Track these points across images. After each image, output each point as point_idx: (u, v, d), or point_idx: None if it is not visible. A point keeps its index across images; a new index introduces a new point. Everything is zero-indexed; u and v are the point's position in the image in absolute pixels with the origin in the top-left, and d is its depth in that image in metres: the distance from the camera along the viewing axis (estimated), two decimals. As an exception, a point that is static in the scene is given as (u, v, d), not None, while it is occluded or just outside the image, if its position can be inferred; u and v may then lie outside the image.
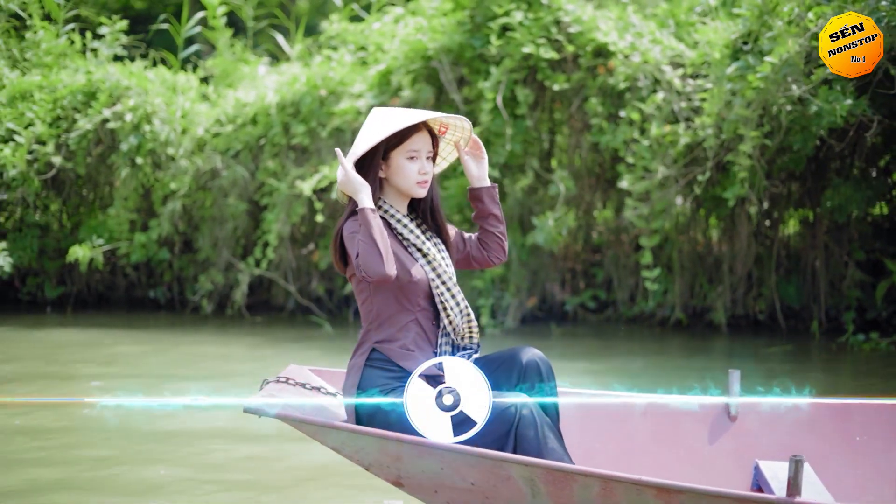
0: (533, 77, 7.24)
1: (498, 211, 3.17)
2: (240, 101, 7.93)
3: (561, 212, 7.01)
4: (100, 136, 8.09)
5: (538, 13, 7.05)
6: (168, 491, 3.87)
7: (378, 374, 3.00)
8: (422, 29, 7.41)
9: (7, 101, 8.16)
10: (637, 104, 6.77)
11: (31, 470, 4.11)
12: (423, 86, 7.29)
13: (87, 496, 3.81)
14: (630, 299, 7.97)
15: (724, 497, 2.62)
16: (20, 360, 6.52)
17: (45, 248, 8.48)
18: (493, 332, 7.44)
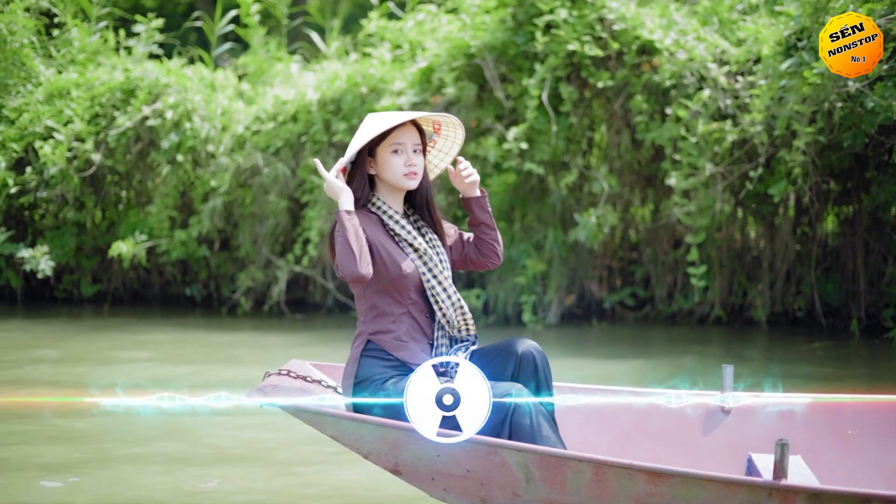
0: (577, 74, 7.24)
1: (488, 219, 3.28)
2: (279, 98, 7.93)
3: (604, 209, 7.01)
4: (139, 133, 8.09)
5: (582, 10, 7.05)
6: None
7: (374, 364, 3.09)
8: (465, 26, 7.41)
9: (45, 99, 8.16)
10: (683, 101, 6.77)
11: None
12: (466, 83, 7.30)
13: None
14: (668, 296, 7.98)
15: (712, 481, 2.70)
16: (62, 359, 6.53)
17: (81, 245, 8.48)
18: (534, 328, 7.45)
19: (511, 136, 7.05)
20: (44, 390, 5.27)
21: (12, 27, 8.22)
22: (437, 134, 3.30)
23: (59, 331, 7.48)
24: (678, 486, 2.73)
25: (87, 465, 4.14)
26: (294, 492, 3.87)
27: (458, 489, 2.99)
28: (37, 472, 4.02)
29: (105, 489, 3.82)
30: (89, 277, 8.70)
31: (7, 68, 8.27)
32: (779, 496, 2.69)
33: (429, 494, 3.07)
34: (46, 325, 7.68)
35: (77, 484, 3.88)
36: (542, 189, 7.64)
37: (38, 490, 3.80)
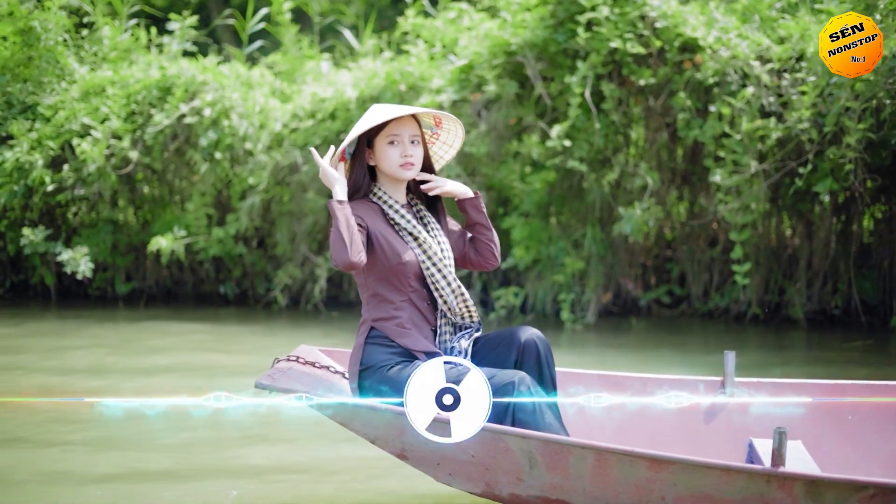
0: (618, 72, 7.24)
1: (483, 219, 3.34)
2: (317, 95, 7.93)
3: (649, 202, 7.01)
4: (176, 131, 8.09)
5: (624, 8, 7.05)
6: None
7: (378, 351, 3.17)
8: (505, 24, 7.41)
9: (80, 97, 8.16)
10: (727, 99, 6.77)
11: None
12: (507, 81, 7.30)
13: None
14: (704, 294, 7.98)
15: (711, 467, 2.76)
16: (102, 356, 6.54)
17: (116, 243, 8.48)
18: (573, 326, 7.45)
19: (554, 134, 7.05)
20: (82, 390, 5.29)
21: (47, 25, 8.22)
22: (438, 127, 3.37)
23: (96, 328, 7.49)
24: (678, 472, 2.80)
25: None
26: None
27: (464, 474, 3.06)
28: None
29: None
30: (123, 275, 8.70)
31: (42, 66, 8.28)
32: (777, 483, 2.75)
33: (435, 479, 3.15)
34: (81, 323, 7.67)
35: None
36: (580, 187, 7.64)
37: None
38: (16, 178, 7.89)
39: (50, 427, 4.61)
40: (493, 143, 7.45)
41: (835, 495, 2.73)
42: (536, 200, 7.42)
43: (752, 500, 2.78)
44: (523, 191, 7.39)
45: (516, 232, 7.46)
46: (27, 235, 7.84)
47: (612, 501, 2.91)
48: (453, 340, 3.22)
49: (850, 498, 2.74)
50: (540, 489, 2.98)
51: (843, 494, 2.73)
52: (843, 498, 2.73)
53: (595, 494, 2.92)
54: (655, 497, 2.86)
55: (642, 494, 2.87)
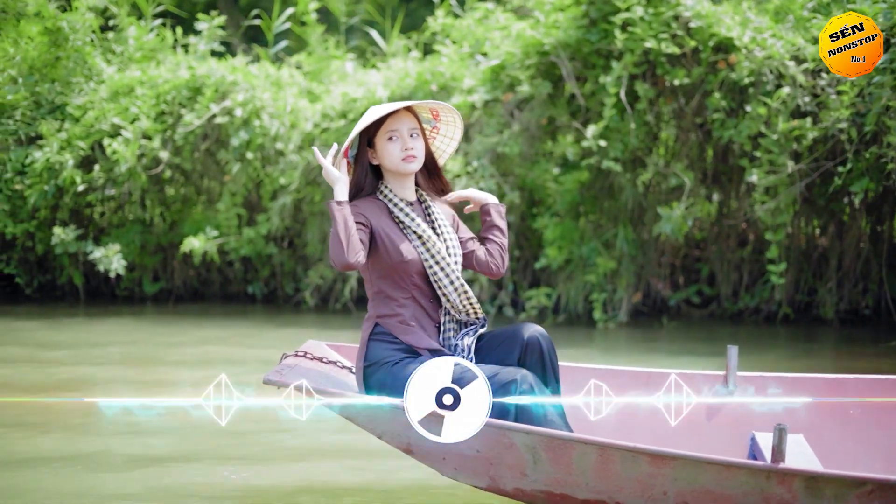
0: (652, 72, 7.24)
1: (503, 224, 3.41)
2: (347, 95, 7.93)
3: (688, 203, 7.01)
4: (206, 131, 8.09)
5: (658, 8, 7.05)
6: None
7: (382, 347, 3.21)
8: (538, 24, 7.41)
9: (109, 97, 8.17)
10: (763, 99, 6.77)
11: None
12: (541, 81, 7.30)
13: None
14: (733, 294, 7.98)
15: (712, 463, 2.80)
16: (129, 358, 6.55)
17: (145, 243, 8.48)
18: (606, 326, 7.45)
19: (590, 134, 7.05)
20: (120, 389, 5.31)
21: (75, 25, 8.23)
22: (437, 120, 3.39)
23: (128, 327, 7.49)
24: (679, 468, 2.84)
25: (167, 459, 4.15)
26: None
27: (469, 469, 3.10)
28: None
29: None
30: (150, 275, 8.71)
31: (69, 67, 8.28)
32: (777, 479, 2.79)
33: (440, 473, 3.19)
34: (113, 322, 7.68)
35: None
36: (611, 187, 7.65)
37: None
38: (46, 178, 7.89)
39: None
40: (526, 143, 7.44)
41: (834, 491, 2.77)
42: (569, 200, 7.42)
43: (753, 496, 2.82)
44: (556, 191, 7.38)
45: (548, 232, 7.46)
46: (58, 235, 7.85)
47: (615, 496, 2.95)
48: (457, 338, 3.26)
49: (849, 493, 2.78)
50: (544, 484, 3.02)
51: (842, 490, 2.77)
52: (842, 493, 2.77)
53: (598, 489, 2.96)
54: (657, 492, 2.90)
55: (644, 489, 2.91)
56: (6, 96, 8.11)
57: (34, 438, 4.40)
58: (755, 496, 2.81)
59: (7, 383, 5.44)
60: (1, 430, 4.53)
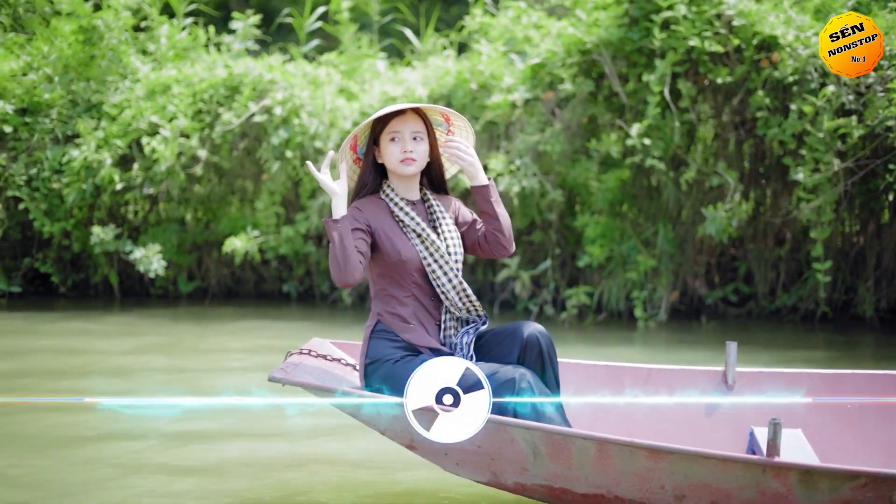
0: (695, 70, 7.24)
1: (490, 208, 3.33)
2: (386, 94, 7.93)
3: (732, 203, 7.01)
4: (244, 129, 8.09)
5: (701, 6, 7.05)
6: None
7: (383, 345, 3.25)
8: (580, 22, 7.41)
9: (145, 95, 8.16)
10: (807, 97, 6.77)
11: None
12: (583, 79, 7.30)
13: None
14: (770, 293, 7.98)
15: (709, 457, 2.85)
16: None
17: (181, 242, 8.48)
18: (647, 325, 7.45)
19: (634, 132, 7.05)
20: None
21: (110, 24, 8.23)
22: (449, 124, 3.42)
23: (168, 325, 7.49)
24: (677, 462, 2.89)
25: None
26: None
27: (470, 464, 3.15)
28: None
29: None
30: (185, 274, 8.71)
31: (104, 65, 8.28)
32: (772, 472, 2.83)
33: (442, 468, 3.23)
34: (154, 321, 7.67)
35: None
36: (651, 185, 7.65)
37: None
38: (83, 176, 7.89)
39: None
40: (566, 142, 7.44)
41: (828, 484, 2.82)
42: (609, 199, 7.42)
43: (749, 489, 2.87)
44: (598, 189, 7.39)
45: (589, 230, 7.46)
46: (98, 234, 7.84)
47: (613, 490, 3.00)
48: (457, 336, 3.30)
49: (843, 487, 2.82)
50: (544, 478, 3.07)
51: (836, 483, 2.81)
52: (837, 486, 2.81)
53: (597, 483, 3.01)
54: (655, 486, 2.95)
55: (642, 483, 2.96)
56: (43, 95, 8.12)
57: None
58: (751, 490, 2.86)
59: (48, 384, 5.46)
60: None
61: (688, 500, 2.94)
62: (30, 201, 7.98)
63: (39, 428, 4.55)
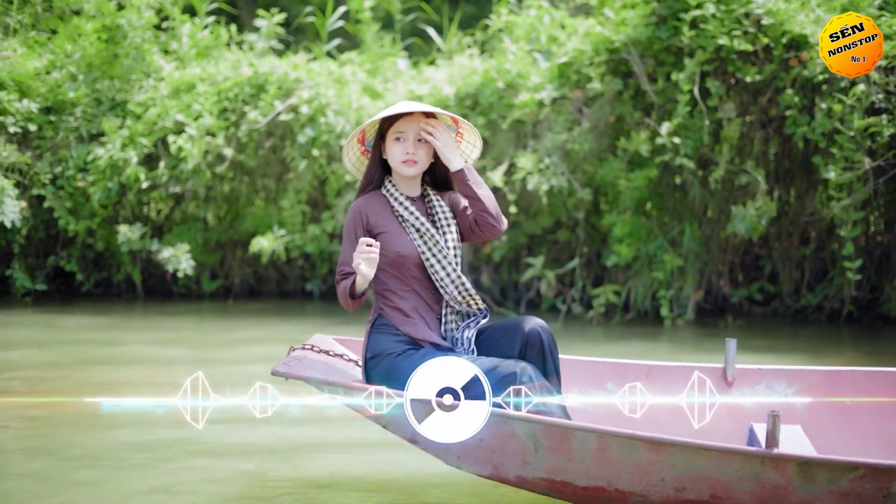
0: (723, 69, 7.24)
1: (470, 191, 3.34)
2: (413, 92, 7.93)
3: (762, 202, 7.01)
4: (270, 128, 8.08)
5: (730, 5, 7.05)
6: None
7: (384, 339, 3.30)
8: (608, 21, 7.42)
9: (170, 94, 8.16)
10: (837, 95, 6.78)
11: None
12: (612, 78, 7.30)
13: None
14: (795, 292, 7.99)
15: (708, 449, 2.87)
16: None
17: (206, 241, 8.48)
18: (676, 323, 7.45)
19: (664, 131, 7.05)
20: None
21: (133, 22, 8.23)
22: (458, 126, 3.47)
23: (196, 324, 7.49)
24: (677, 454, 2.91)
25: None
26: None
27: (472, 457, 3.17)
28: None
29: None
30: (208, 273, 8.70)
31: (129, 64, 8.28)
32: (771, 464, 2.86)
33: (444, 462, 3.25)
34: (173, 319, 7.67)
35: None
36: (676, 184, 7.65)
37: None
38: (109, 175, 7.89)
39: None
40: (594, 140, 7.45)
41: (827, 475, 2.83)
42: (636, 198, 7.43)
43: (748, 481, 2.89)
44: (626, 188, 7.39)
45: (617, 229, 7.46)
46: (124, 233, 7.84)
47: (614, 483, 3.02)
48: (458, 330, 3.34)
49: (842, 478, 2.83)
50: (545, 471, 3.08)
51: (834, 475, 2.83)
52: (835, 478, 2.83)
53: (597, 476, 3.03)
54: (655, 478, 2.97)
55: (643, 476, 2.97)
56: (67, 93, 8.11)
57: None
58: (751, 482, 2.88)
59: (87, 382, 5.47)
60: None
61: (688, 492, 2.96)
62: (54, 200, 7.97)
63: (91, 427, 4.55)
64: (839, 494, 2.84)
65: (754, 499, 2.91)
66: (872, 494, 2.83)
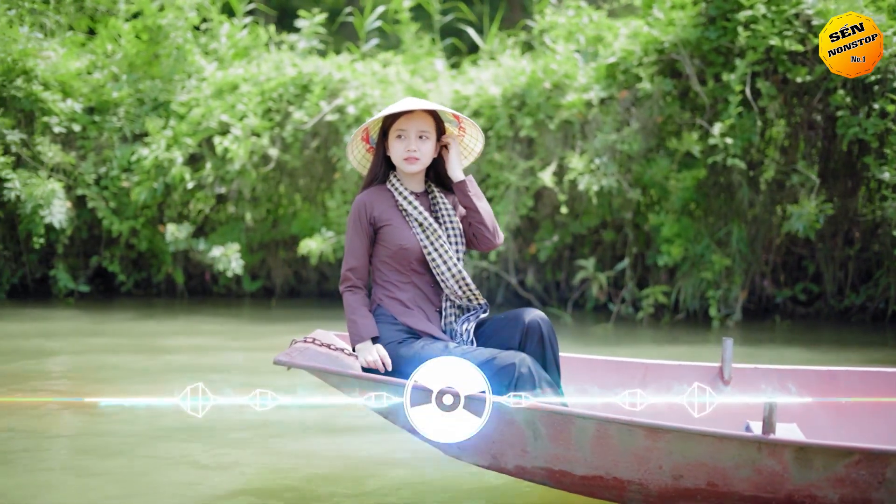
0: (773, 70, 7.24)
1: (469, 202, 3.43)
2: (459, 93, 7.92)
3: (818, 200, 7.01)
4: (316, 128, 8.07)
5: (780, 6, 7.06)
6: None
7: (383, 329, 3.32)
8: (657, 22, 7.41)
9: (213, 94, 8.15)
10: (890, 95, 6.78)
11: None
12: (662, 78, 7.30)
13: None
14: (838, 292, 7.99)
15: (706, 435, 2.89)
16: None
17: (249, 241, 8.47)
18: (724, 324, 7.45)
19: (716, 132, 7.05)
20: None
21: (176, 23, 8.22)
22: (459, 121, 3.51)
23: (249, 325, 7.48)
24: (674, 441, 2.92)
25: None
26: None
27: (472, 447, 3.17)
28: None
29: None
30: (249, 273, 8.70)
31: (169, 64, 8.27)
32: (767, 450, 2.87)
33: (444, 452, 3.25)
34: (217, 320, 7.66)
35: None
36: (723, 184, 7.65)
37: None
38: (154, 175, 7.88)
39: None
40: (643, 141, 7.45)
41: (823, 461, 2.85)
42: (685, 198, 7.43)
43: (745, 468, 2.90)
44: (675, 188, 7.39)
45: (665, 229, 7.47)
46: (172, 233, 7.84)
47: (612, 471, 3.03)
48: (457, 323, 3.38)
49: (837, 463, 2.85)
50: (544, 460, 3.10)
51: (830, 460, 2.85)
52: (831, 464, 2.85)
53: (596, 464, 3.04)
54: (653, 466, 2.98)
55: (641, 463, 2.99)
56: (111, 93, 8.11)
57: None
58: (747, 468, 2.90)
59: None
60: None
61: (685, 479, 2.97)
62: (98, 200, 7.96)
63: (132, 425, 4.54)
64: (835, 480, 2.86)
65: (751, 486, 2.92)
66: (868, 480, 2.86)
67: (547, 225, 8.02)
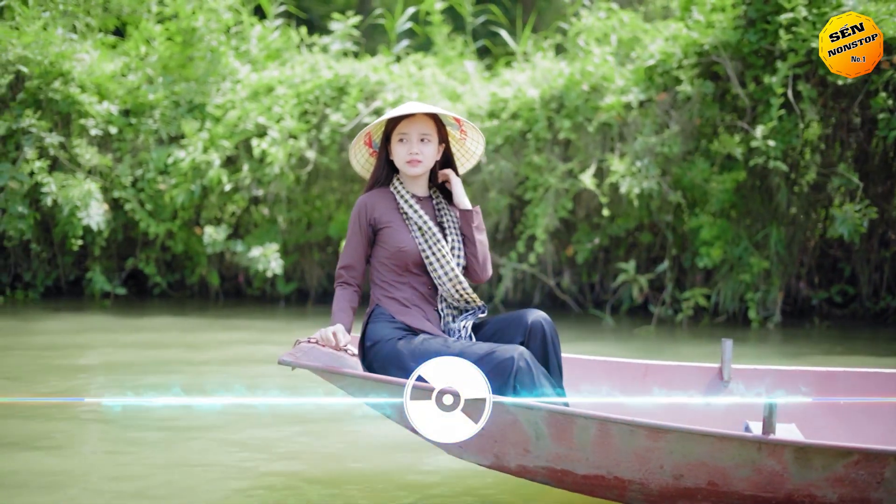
0: (814, 72, 7.25)
1: (469, 232, 3.47)
2: (496, 95, 7.92)
3: (862, 204, 7.01)
4: (353, 130, 8.07)
5: (821, 8, 7.06)
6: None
7: (382, 327, 3.35)
8: (697, 24, 7.42)
9: (249, 96, 8.15)
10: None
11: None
12: (702, 81, 7.30)
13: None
14: (873, 294, 8.00)
15: (707, 435, 2.91)
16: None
17: (285, 243, 8.46)
18: (765, 326, 7.46)
19: (759, 134, 7.05)
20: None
21: (210, 25, 8.22)
22: (459, 124, 3.55)
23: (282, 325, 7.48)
24: (675, 441, 2.94)
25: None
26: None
27: (474, 446, 3.18)
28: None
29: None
30: (284, 276, 8.69)
31: (204, 66, 8.27)
32: (767, 450, 2.88)
33: (446, 452, 3.27)
34: (252, 323, 7.65)
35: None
36: (761, 187, 7.65)
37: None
38: (191, 177, 7.88)
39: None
40: (683, 143, 7.45)
41: (822, 461, 2.87)
42: (724, 200, 7.43)
43: (745, 468, 2.92)
44: (715, 190, 7.39)
45: (704, 232, 7.47)
46: (210, 234, 7.84)
47: (613, 471, 3.05)
48: (456, 322, 3.41)
49: (836, 463, 2.87)
50: (546, 459, 3.11)
51: (829, 460, 2.87)
52: (830, 464, 2.87)
53: (597, 464, 3.05)
54: (654, 466, 3.00)
55: (642, 463, 3.00)
56: (146, 96, 8.11)
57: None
58: (747, 468, 2.91)
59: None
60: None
61: (686, 479, 2.99)
62: (134, 202, 7.97)
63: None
64: (834, 480, 2.87)
65: (751, 485, 2.94)
66: (867, 480, 2.86)
67: (584, 227, 8.02)
